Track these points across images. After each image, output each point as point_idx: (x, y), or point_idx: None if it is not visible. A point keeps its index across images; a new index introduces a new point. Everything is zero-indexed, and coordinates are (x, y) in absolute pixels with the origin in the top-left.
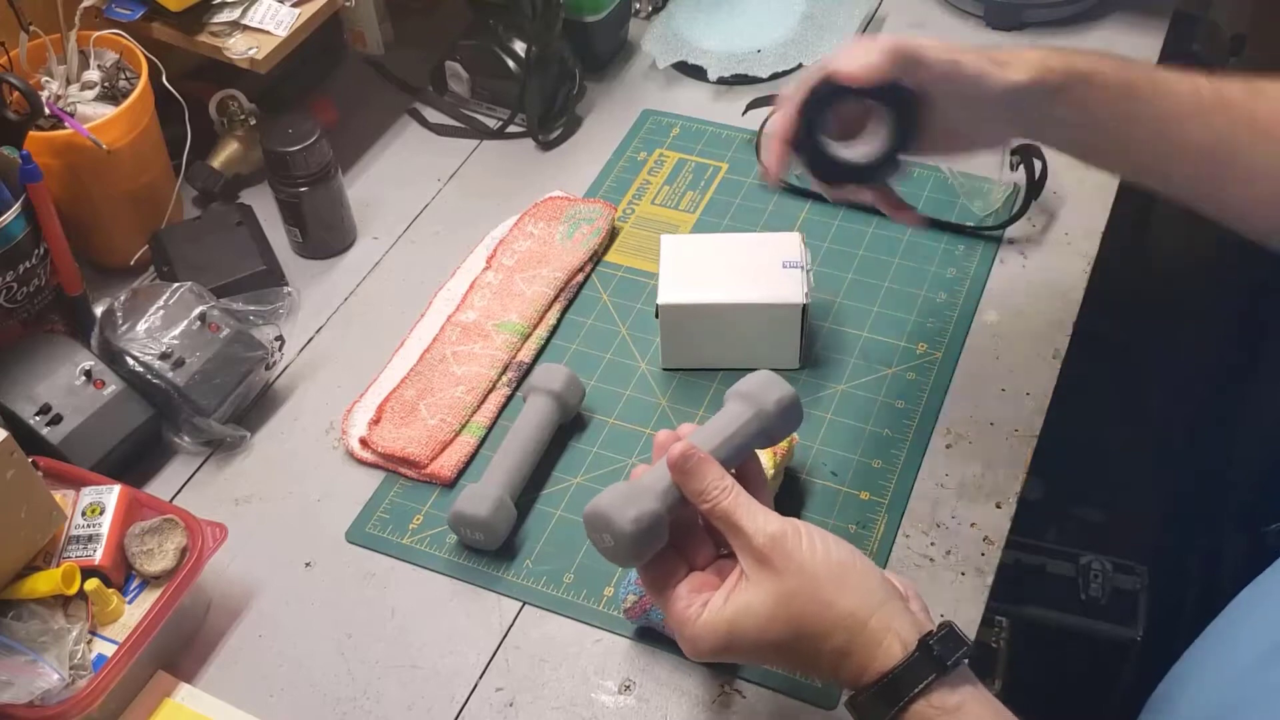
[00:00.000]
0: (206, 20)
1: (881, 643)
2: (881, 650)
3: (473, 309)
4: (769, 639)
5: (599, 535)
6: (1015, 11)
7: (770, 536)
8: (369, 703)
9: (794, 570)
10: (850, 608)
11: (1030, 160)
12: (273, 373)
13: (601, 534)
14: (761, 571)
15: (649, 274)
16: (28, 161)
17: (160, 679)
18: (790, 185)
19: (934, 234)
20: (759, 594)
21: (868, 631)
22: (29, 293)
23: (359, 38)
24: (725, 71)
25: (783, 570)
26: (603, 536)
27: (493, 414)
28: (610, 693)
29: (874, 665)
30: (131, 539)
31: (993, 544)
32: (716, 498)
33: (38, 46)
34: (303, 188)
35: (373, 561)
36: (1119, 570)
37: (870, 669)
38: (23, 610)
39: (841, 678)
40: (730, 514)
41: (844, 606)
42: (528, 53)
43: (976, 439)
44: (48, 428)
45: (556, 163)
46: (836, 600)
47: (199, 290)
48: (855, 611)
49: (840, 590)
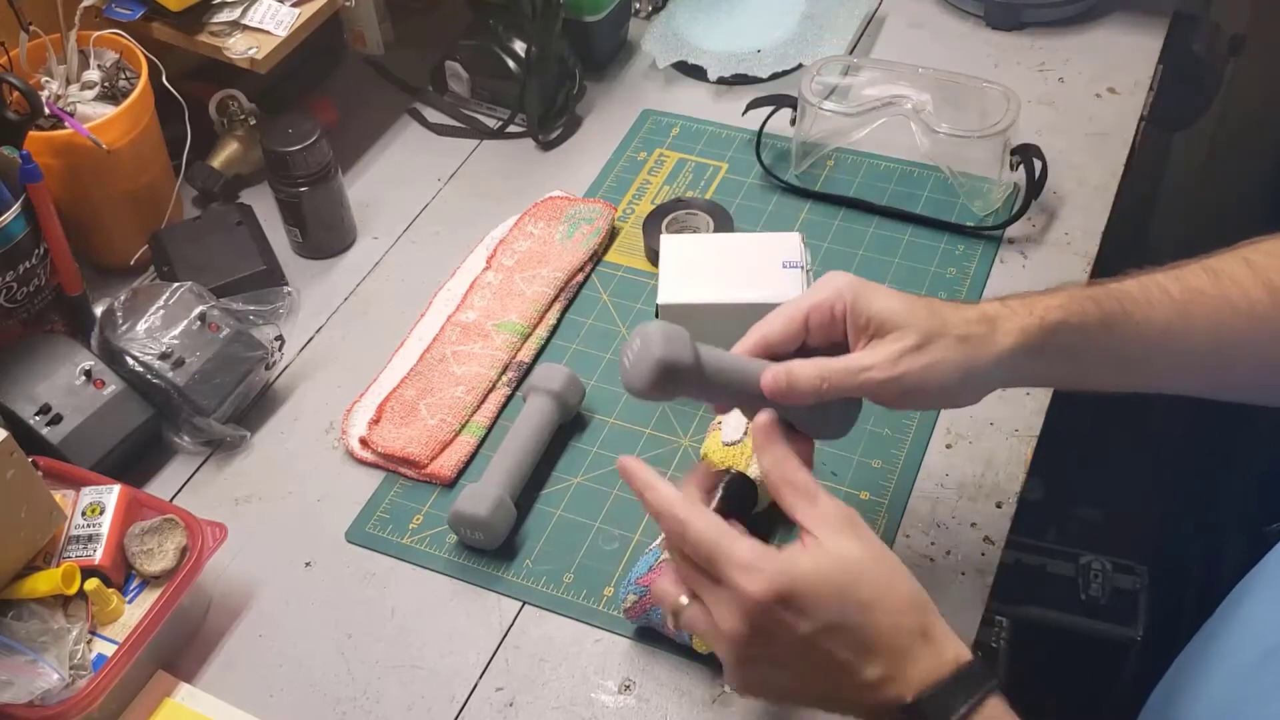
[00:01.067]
0: (206, 20)
1: (953, 635)
2: (956, 644)
3: (473, 309)
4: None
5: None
6: (1015, 11)
7: (848, 510)
8: (369, 703)
9: (875, 542)
10: (924, 594)
11: (1030, 160)
12: (273, 373)
13: (634, 340)
14: (844, 535)
15: (649, 274)
16: (28, 161)
17: (160, 679)
18: (790, 185)
19: (934, 234)
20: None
21: (942, 622)
22: (29, 293)
23: (359, 38)
24: (725, 71)
25: (867, 540)
26: (634, 343)
27: (493, 414)
28: (610, 692)
29: (951, 653)
30: (131, 539)
31: (993, 544)
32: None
33: (38, 46)
34: (303, 188)
35: (373, 561)
36: (1119, 570)
37: (947, 656)
38: (23, 610)
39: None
40: (810, 484)
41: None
42: (528, 53)
43: (976, 439)
44: (48, 428)
45: (556, 163)
46: (914, 583)
47: (199, 290)
48: (929, 601)
49: (912, 577)
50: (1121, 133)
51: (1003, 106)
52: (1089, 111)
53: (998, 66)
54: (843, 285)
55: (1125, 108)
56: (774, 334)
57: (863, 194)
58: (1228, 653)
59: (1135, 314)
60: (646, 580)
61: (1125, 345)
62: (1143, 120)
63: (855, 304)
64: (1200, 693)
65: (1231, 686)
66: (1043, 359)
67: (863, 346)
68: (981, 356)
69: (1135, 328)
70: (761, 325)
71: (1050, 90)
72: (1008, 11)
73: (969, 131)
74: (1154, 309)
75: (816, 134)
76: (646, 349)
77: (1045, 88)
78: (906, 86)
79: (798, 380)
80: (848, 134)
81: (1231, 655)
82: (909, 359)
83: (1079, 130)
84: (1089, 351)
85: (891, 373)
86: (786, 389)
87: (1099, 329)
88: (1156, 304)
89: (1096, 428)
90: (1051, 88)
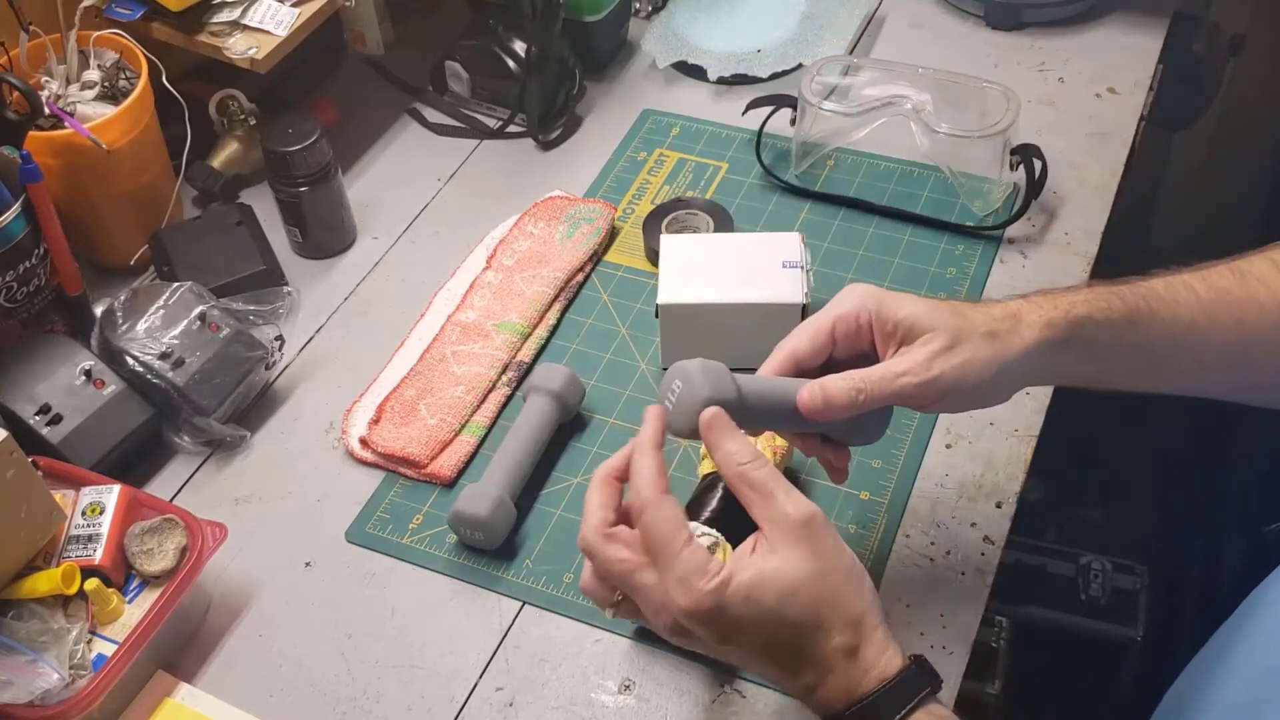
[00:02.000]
0: (206, 20)
1: (887, 649)
2: (886, 657)
3: (473, 309)
4: (786, 614)
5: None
6: (1015, 11)
7: (805, 514)
8: (369, 703)
9: (825, 553)
10: (864, 608)
11: (1030, 160)
12: (273, 373)
13: (673, 381)
14: (793, 545)
15: (649, 274)
16: (28, 161)
17: (160, 679)
18: (790, 185)
19: (934, 234)
20: (790, 563)
21: (878, 636)
22: (29, 293)
23: (359, 38)
24: (725, 71)
25: (815, 551)
26: (674, 385)
27: (493, 414)
28: (610, 692)
29: (877, 670)
30: (131, 539)
31: (993, 544)
32: (752, 464)
33: (38, 46)
34: (303, 188)
35: (373, 561)
36: (1119, 570)
37: (872, 673)
38: (23, 610)
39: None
40: (765, 482)
41: (861, 605)
42: (528, 53)
43: (976, 439)
44: (48, 428)
45: (556, 163)
46: (856, 597)
47: (199, 290)
48: (868, 614)
49: (859, 589)
50: (1121, 133)
51: (1003, 106)
52: (1089, 111)
53: (998, 66)
54: (865, 295)
55: (1125, 108)
56: (802, 350)
57: (863, 194)
58: (1247, 653)
59: (1161, 310)
60: None
61: (1150, 341)
62: (1143, 120)
63: (880, 312)
64: (1220, 693)
65: (1252, 689)
66: (1068, 353)
67: (892, 353)
68: (1010, 351)
69: (1161, 324)
70: (788, 342)
71: (1050, 90)
72: (1008, 11)
73: (969, 131)
74: (1180, 306)
75: (816, 134)
76: (691, 390)
77: (1045, 88)
78: (906, 86)
79: (833, 395)
80: (848, 134)
81: (1252, 656)
82: (942, 359)
83: (1079, 130)
84: (1114, 347)
85: (927, 375)
86: (823, 405)
87: (1124, 324)
88: (1182, 302)
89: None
90: (1051, 88)
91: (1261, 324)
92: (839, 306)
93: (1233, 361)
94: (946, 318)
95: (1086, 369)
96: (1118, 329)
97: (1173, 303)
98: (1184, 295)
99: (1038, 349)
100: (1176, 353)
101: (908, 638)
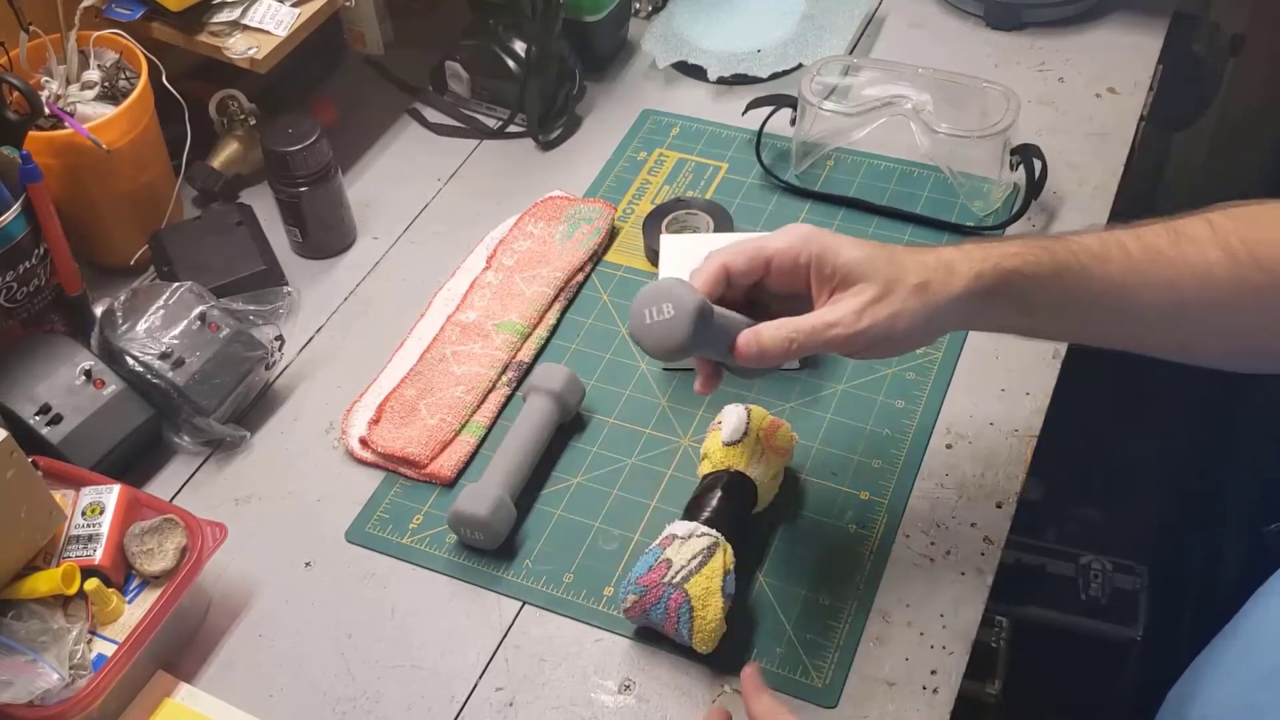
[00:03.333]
0: (206, 20)
1: None
2: None
3: (473, 309)
4: None
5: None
6: (1015, 11)
7: None
8: (369, 703)
9: None
10: None
11: (1030, 160)
12: (273, 373)
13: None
14: None
15: (649, 274)
16: (28, 161)
17: (160, 679)
18: (790, 185)
19: (934, 234)
20: None
21: None
22: (29, 293)
23: (359, 38)
24: (725, 71)
25: None
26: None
27: (493, 414)
28: (610, 692)
29: None
30: (131, 539)
31: (993, 544)
32: None
33: (38, 46)
34: (303, 188)
35: (373, 561)
36: (1119, 570)
37: None
38: (23, 610)
39: None
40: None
41: None
42: (528, 53)
43: (976, 439)
44: (48, 428)
45: (556, 163)
46: None
47: (199, 290)
48: None
49: None
50: (1121, 133)
51: (1003, 106)
52: (1089, 111)
53: (998, 66)
54: (809, 236)
55: (1125, 108)
56: (736, 266)
57: (863, 194)
58: (1248, 655)
59: (1091, 267)
60: (646, 580)
61: (1078, 298)
62: (1143, 120)
63: (821, 256)
64: (1220, 694)
65: (1253, 689)
66: (996, 304)
67: (825, 299)
68: (939, 300)
69: (1089, 281)
70: (722, 254)
71: (1050, 90)
72: (1008, 11)
73: (969, 131)
74: (1110, 264)
75: (816, 134)
76: (680, 302)
77: (1045, 88)
78: (906, 86)
79: (766, 344)
80: (848, 134)
81: (1253, 658)
82: (871, 311)
83: (1079, 130)
84: (1042, 301)
85: (857, 327)
86: (758, 352)
87: (1052, 279)
88: (1114, 259)
89: (1096, 428)
90: (1051, 88)
91: (1191, 285)
92: (779, 239)
93: (1162, 320)
94: (881, 266)
95: (1015, 321)
96: (1046, 283)
97: (1104, 260)
98: (1115, 253)
99: (966, 299)
100: (1104, 310)
101: (908, 638)
